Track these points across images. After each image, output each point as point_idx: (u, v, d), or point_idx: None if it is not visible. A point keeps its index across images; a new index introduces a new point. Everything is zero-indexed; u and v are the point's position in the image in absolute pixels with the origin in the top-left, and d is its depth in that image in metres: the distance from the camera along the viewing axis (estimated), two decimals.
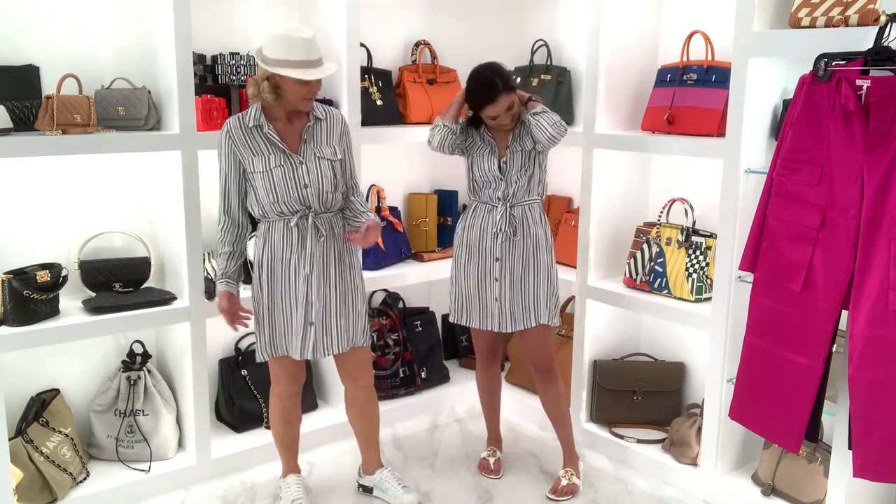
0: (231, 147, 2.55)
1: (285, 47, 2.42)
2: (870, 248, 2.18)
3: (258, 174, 2.55)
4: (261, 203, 2.58)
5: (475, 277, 2.91)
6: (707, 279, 3.05)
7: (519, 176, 2.84)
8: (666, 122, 3.07)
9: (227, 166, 2.58)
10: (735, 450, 3.00)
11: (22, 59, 2.79)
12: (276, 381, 2.80)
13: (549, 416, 3.08)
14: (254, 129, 2.55)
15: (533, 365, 3.02)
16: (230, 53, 3.17)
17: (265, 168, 2.54)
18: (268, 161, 2.54)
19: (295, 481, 2.90)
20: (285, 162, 2.55)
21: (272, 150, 2.56)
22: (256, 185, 2.56)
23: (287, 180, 2.55)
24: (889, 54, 2.15)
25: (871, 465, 2.23)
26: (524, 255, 2.87)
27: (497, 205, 2.86)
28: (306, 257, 2.60)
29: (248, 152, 2.55)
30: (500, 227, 2.84)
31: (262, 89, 2.49)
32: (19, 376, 2.89)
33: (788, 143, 2.37)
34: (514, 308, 2.88)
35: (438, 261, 3.76)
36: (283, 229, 2.60)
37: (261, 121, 2.55)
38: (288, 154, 2.56)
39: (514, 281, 2.87)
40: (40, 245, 2.93)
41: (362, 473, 3.03)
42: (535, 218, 2.89)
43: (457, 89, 3.76)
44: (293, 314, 2.64)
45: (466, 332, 4.21)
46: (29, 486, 2.67)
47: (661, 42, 3.41)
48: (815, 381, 2.33)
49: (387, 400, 3.65)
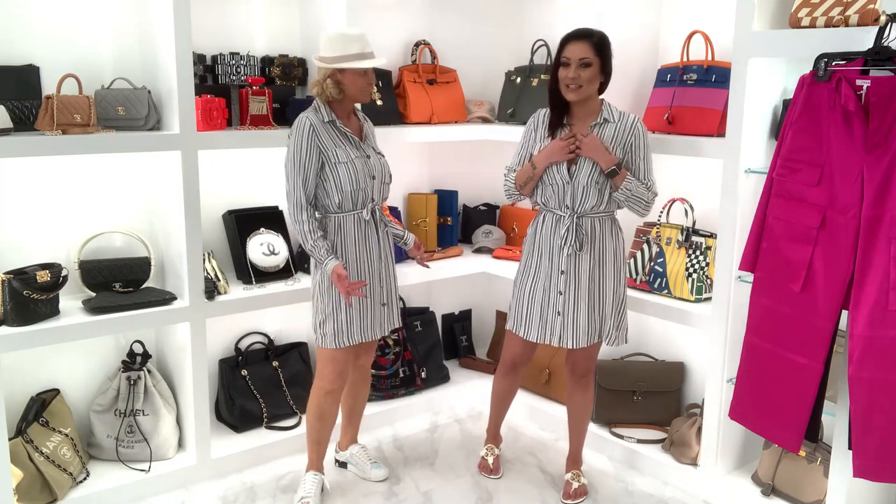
0: (314, 138, 2.66)
1: (342, 44, 2.65)
2: (870, 248, 2.18)
3: (342, 164, 2.69)
4: (342, 192, 2.70)
5: (541, 289, 2.81)
6: (707, 279, 3.05)
7: (588, 183, 2.70)
8: (666, 122, 3.07)
9: (308, 158, 2.66)
10: (735, 450, 3.00)
11: (22, 59, 2.79)
12: (320, 376, 2.82)
13: (573, 420, 3.04)
14: (329, 123, 2.71)
15: (571, 370, 2.96)
16: (230, 53, 3.17)
17: (348, 158, 2.70)
18: (348, 153, 2.71)
19: (312, 479, 2.90)
20: (359, 154, 2.75)
21: (347, 143, 2.72)
22: (340, 174, 2.68)
23: (364, 170, 2.73)
24: (889, 54, 2.15)
25: (871, 465, 2.23)
26: (590, 270, 2.76)
27: (564, 214, 2.75)
28: (379, 245, 2.82)
29: (331, 143, 2.69)
30: (565, 240, 2.73)
31: (326, 86, 2.67)
32: (19, 376, 2.89)
33: (788, 143, 2.37)
34: (577, 325, 2.78)
35: (439, 261, 3.76)
36: (357, 221, 2.75)
37: (332, 116, 2.71)
38: (358, 147, 2.75)
39: (581, 297, 2.77)
40: (40, 245, 2.93)
41: (338, 449, 3.17)
42: (605, 230, 2.77)
43: (457, 89, 3.77)
44: (370, 299, 2.80)
45: (466, 333, 4.21)
46: (29, 486, 2.67)
47: (661, 42, 3.41)
48: (815, 381, 2.33)
49: (387, 400, 3.66)
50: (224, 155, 3.26)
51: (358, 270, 2.77)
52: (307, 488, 2.87)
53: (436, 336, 3.94)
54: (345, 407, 3.10)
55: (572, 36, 2.69)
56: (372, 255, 2.80)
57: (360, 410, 3.14)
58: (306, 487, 2.88)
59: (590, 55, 2.65)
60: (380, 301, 2.85)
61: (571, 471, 3.04)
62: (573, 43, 2.67)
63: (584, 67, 2.65)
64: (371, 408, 3.55)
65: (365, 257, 2.79)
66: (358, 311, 2.77)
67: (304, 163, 2.66)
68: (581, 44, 2.66)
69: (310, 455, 2.93)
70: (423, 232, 3.80)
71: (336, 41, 2.65)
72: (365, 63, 2.66)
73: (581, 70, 2.64)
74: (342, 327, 2.75)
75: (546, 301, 2.80)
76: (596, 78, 2.69)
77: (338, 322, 2.75)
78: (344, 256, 2.74)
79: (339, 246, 2.74)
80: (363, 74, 2.69)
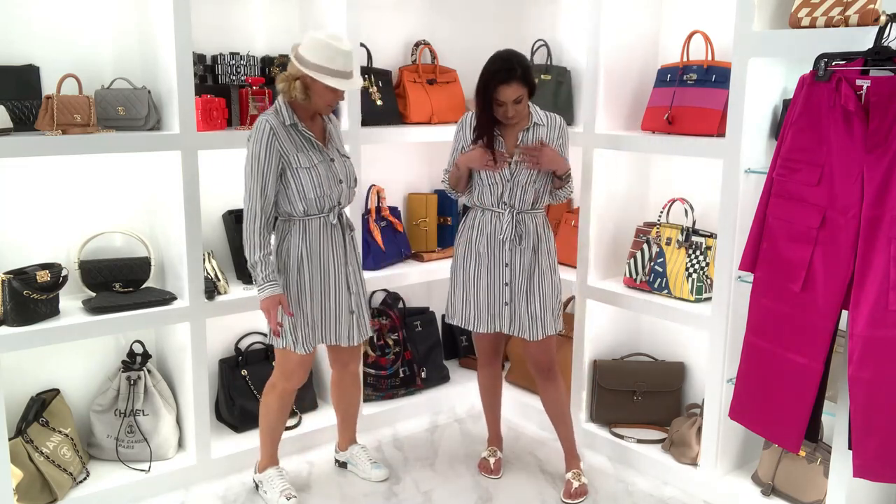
0: (274, 143, 2.60)
1: (326, 55, 2.55)
2: (870, 248, 2.18)
3: (304, 170, 2.63)
4: (305, 199, 2.65)
5: (484, 283, 2.91)
6: (707, 279, 3.05)
7: (527, 183, 2.82)
8: (666, 122, 3.07)
9: (267, 164, 2.60)
10: (735, 450, 3.00)
11: (22, 59, 2.79)
12: (290, 378, 2.83)
13: (550, 415, 3.08)
14: (290, 126, 2.64)
15: (534, 366, 3.02)
16: (230, 53, 3.17)
17: (311, 163, 2.65)
18: (311, 157, 2.65)
19: (277, 474, 2.94)
20: (323, 158, 2.69)
21: (309, 147, 2.66)
22: (302, 180, 2.63)
23: (328, 175, 2.68)
24: (889, 54, 2.15)
25: (870, 465, 2.23)
26: (529, 263, 2.87)
27: (503, 211, 2.84)
28: (345, 251, 2.77)
29: (293, 148, 2.63)
30: (507, 235, 2.83)
31: (293, 87, 2.59)
32: (19, 376, 2.89)
33: (788, 143, 2.37)
34: (522, 316, 2.89)
35: (438, 261, 3.76)
36: (323, 225, 2.71)
37: (294, 119, 2.64)
38: (320, 150, 2.69)
39: (522, 287, 2.88)
40: (40, 245, 2.93)
41: (338, 450, 3.20)
42: (539, 226, 2.89)
43: (457, 89, 3.76)
44: (335, 305, 2.77)
45: (466, 333, 4.21)
46: (29, 486, 2.67)
47: (661, 42, 3.41)
48: (815, 381, 2.33)
49: (387, 400, 3.66)
50: (224, 155, 3.25)
51: (323, 277, 2.72)
52: (279, 484, 2.89)
53: (436, 336, 3.94)
54: (338, 412, 3.12)
55: (501, 79, 2.68)
56: (339, 261, 2.75)
57: (353, 414, 3.15)
58: (277, 483, 2.89)
59: (521, 92, 2.71)
60: (348, 308, 2.79)
61: (572, 470, 3.04)
62: (504, 87, 2.68)
63: (517, 104, 2.72)
64: (371, 408, 3.56)
65: (332, 263, 2.74)
66: (322, 319, 2.74)
67: (263, 170, 2.58)
68: (511, 86, 2.68)
69: (268, 454, 2.96)
70: (423, 232, 3.80)
71: (322, 49, 2.54)
72: (339, 84, 2.56)
73: (516, 106, 2.73)
74: (304, 332, 2.73)
75: (492, 293, 2.91)
76: (526, 102, 2.77)
77: (300, 327, 2.72)
78: (309, 262, 2.69)
79: (304, 251, 2.68)
80: (332, 91, 2.60)
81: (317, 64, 2.54)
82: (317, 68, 2.54)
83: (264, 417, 2.91)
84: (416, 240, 3.81)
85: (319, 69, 2.54)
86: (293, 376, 2.83)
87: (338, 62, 2.55)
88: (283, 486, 2.89)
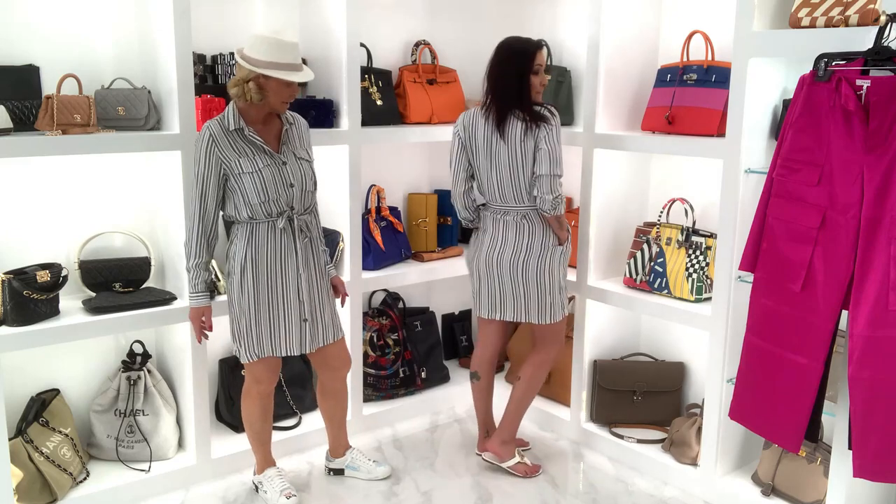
0: (213, 150, 2.59)
1: (275, 50, 2.52)
2: (870, 248, 2.18)
3: (246, 175, 2.59)
4: (249, 204, 2.61)
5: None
6: (707, 279, 3.05)
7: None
8: (666, 122, 3.07)
9: (206, 170, 2.60)
10: (735, 450, 3.00)
11: (22, 59, 2.79)
12: (258, 382, 2.82)
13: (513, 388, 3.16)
14: (235, 132, 2.61)
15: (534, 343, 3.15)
16: (230, 53, 3.17)
17: (254, 168, 2.60)
18: (255, 162, 2.61)
19: (276, 473, 2.93)
20: (271, 162, 2.63)
21: (256, 151, 2.62)
22: (244, 186, 2.60)
23: (275, 180, 2.62)
24: (889, 54, 2.15)
25: (870, 465, 2.23)
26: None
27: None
28: (297, 257, 2.69)
29: (234, 154, 2.60)
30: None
31: (248, 89, 2.56)
32: (19, 376, 2.89)
33: (788, 143, 2.37)
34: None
35: (438, 261, 3.76)
36: (270, 231, 2.65)
37: (241, 124, 2.61)
38: (271, 155, 2.64)
39: None
40: (40, 245, 2.93)
41: (331, 458, 3.14)
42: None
43: (457, 89, 3.76)
44: (284, 313, 2.71)
45: (466, 333, 4.21)
46: (29, 486, 2.67)
47: (661, 42, 3.41)
48: (815, 381, 2.33)
49: (387, 400, 3.66)
50: None
51: (271, 284, 2.67)
52: (278, 483, 2.89)
53: (436, 336, 3.94)
54: (331, 419, 3.08)
55: (536, 45, 2.88)
56: (288, 267, 2.68)
57: (339, 419, 3.08)
58: (276, 483, 2.89)
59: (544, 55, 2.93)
60: (299, 317, 2.73)
61: None
62: (540, 52, 2.89)
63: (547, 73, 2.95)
64: (371, 408, 3.56)
65: (279, 269, 2.67)
66: (268, 326, 2.70)
67: (203, 176, 2.59)
68: (543, 51, 2.91)
69: (261, 457, 2.96)
70: (423, 232, 3.80)
71: (268, 46, 2.51)
72: (294, 76, 2.54)
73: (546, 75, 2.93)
74: (251, 340, 2.72)
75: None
76: None
77: (247, 335, 2.71)
78: (254, 268, 2.65)
79: (249, 257, 2.64)
80: (288, 86, 2.58)
81: (268, 61, 2.52)
82: (269, 65, 2.51)
83: (248, 423, 2.91)
84: (416, 240, 3.81)
85: (272, 65, 2.51)
86: (262, 379, 2.82)
87: (287, 56, 2.54)
88: (283, 485, 2.89)
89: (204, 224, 2.63)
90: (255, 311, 2.68)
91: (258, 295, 2.67)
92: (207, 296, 2.71)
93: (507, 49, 2.88)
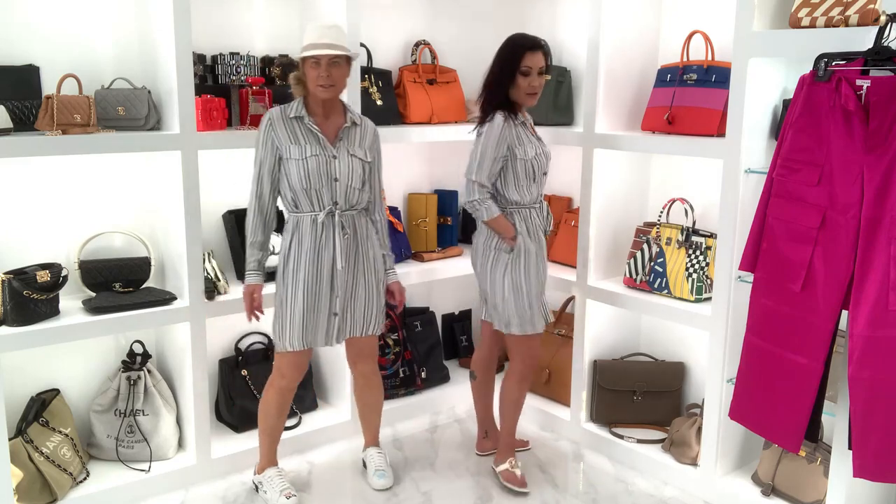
0: (270, 134, 2.69)
1: (309, 34, 2.64)
2: (870, 248, 2.18)
3: (293, 161, 2.67)
4: (293, 190, 2.69)
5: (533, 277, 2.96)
6: (707, 279, 3.05)
7: None
8: (666, 122, 3.07)
9: (263, 153, 2.71)
10: (735, 450, 3.00)
11: (22, 59, 2.79)
12: (283, 376, 2.84)
13: None
14: (294, 119, 2.71)
15: None
16: (230, 53, 3.17)
17: (301, 156, 2.68)
18: (304, 150, 2.68)
19: (277, 473, 2.94)
20: (321, 153, 2.70)
21: (309, 140, 2.70)
22: (290, 171, 2.68)
23: (320, 171, 2.68)
24: (889, 54, 2.15)
25: (870, 465, 2.23)
26: None
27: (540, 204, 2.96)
28: (335, 251, 2.73)
29: (287, 140, 2.69)
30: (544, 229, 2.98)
31: (296, 84, 2.70)
32: (19, 376, 2.89)
33: (788, 143, 2.37)
34: None
35: (438, 261, 3.76)
36: (311, 224, 2.72)
37: (302, 113, 2.71)
38: (324, 146, 2.71)
39: None
40: (40, 245, 2.93)
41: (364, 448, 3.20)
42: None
43: (457, 89, 3.76)
44: (315, 305, 2.76)
45: (466, 333, 4.21)
46: (29, 486, 2.67)
47: (661, 42, 3.41)
48: (815, 381, 2.33)
49: (387, 400, 3.64)
50: (224, 155, 3.26)
51: (307, 274, 2.73)
52: (279, 483, 2.89)
53: (436, 336, 3.94)
54: (358, 408, 3.15)
55: (529, 46, 2.77)
56: (323, 261, 2.73)
57: (368, 415, 3.12)
58: (276, 483, 2.90)
59: (543, 64, 2.80)
60: (329, 310, 2.78)
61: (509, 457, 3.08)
62: (531, 54, 2.77)
63: (540, 76, 2.79)
64: None
65: (316, 261, 2.73)
66: (301, 318, 2.74)
67: (260, 158, 2.72)
68: (537, 54, 2.78)
69: (267, 455, 2.96)
70: (423, 232, 3.80)
71: (309, 32, 2.64)
72: (314, 51, 2.57)
73: (539, 78, 2.79)
74: (292, 330, 2.75)
75: None
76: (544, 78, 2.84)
77: (287, 325, 2.76)
78: (296, 260, 2.72)
79: (294, 248, 2.73)
80: (316, 66, 2.60)
81: (303, 46, 2.64)
82: (302, 49, 2.64)
83: (263, 414, 2.91)
84: (416, 240, 3.81)
85: (303, 49, 2.63)
86: (286, 374, 2.84)
87: (313, 36, 2.61)
88: (283, 485, 2.89)
89: (260, 204, 2.73)
90: (293, 302, 2.73)
91: (297, 286, 2.73)
92: (259, 274, 2.77)
93: (504, 44, 2.85)
